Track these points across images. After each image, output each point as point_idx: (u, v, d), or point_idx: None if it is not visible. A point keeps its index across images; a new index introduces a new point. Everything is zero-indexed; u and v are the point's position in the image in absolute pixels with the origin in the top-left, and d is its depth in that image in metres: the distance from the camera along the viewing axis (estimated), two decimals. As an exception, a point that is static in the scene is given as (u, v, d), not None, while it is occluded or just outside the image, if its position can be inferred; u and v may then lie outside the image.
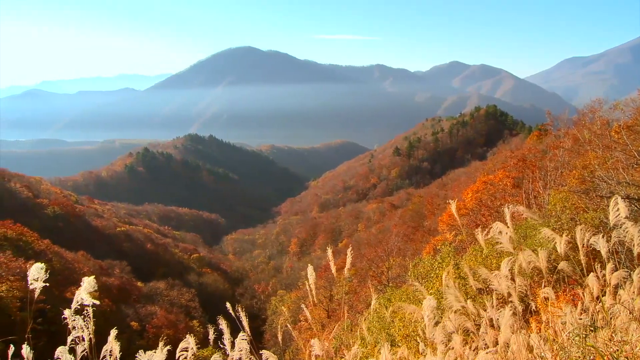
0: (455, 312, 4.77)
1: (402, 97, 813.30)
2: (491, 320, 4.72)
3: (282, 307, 45.00)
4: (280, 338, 5.87)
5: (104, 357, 4.26)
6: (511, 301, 4.77)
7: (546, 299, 4.97)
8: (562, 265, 5.18)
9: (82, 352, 4.12)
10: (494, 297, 4.92)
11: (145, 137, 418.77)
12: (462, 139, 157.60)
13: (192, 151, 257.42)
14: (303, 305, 5.62)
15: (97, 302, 4.17)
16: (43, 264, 4.29)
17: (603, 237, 4.91)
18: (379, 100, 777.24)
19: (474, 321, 4.76)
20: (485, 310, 4.85)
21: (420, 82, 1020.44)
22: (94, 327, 4.19)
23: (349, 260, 5.49)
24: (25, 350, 3.91)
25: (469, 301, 4.83)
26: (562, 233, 6.23)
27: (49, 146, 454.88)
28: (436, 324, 4.65)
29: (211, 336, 4.38)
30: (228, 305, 4.66)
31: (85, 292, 4.12)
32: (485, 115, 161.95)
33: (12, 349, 3.90)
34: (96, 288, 4.22)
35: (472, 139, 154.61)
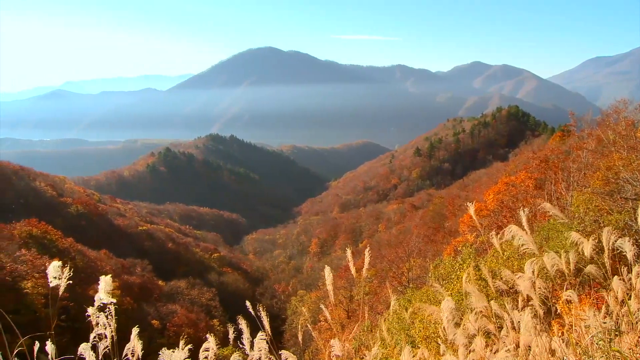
0: (476, 313, 4.72)
1: (424, 98, 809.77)
2: (513, 322, 4.66)
3: (302, 307, 45.01)
4: (300, 338, 5.86)
5: (126, 355, 4.28)
6: (532, 303, 4.71)
7: (569, 301, 4.90)
8: (590, 268, 5.10)
9: (104, 349, 4.15)
10: (519, 299, 4.86)
11: (167, 137, 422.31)
12: (483, 139, 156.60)
13: (214, 151, 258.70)
14: (322, 306, 5.61)
15: (114, 301, 4.19)
16: (66, 261, 4.32)
17: (629, 240, 4.83)
18: (400, 101, 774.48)
19: (496, 323, 4.71)
20: (506, 312, 4.80)
21: (442, 83, 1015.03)
22: (116, 325, 4.22)
23: (367, 260, 5.46)
24: (50, 347, 3.94)
25: (490, 303, 4.78)
26: (586, 235, 6.15)
27: (73, 146, 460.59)
28: (457, 325, 4.61)
29: (231, 335, 4.38)
30: (248, 304, 4.66)
31: (103, 291, 4.14)
32: (507, 116, 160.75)
33: (37, 345, 3.94)
34: (112, 288, 4.23)
35: (494, 139, 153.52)
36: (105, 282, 4.24)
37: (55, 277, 4.08)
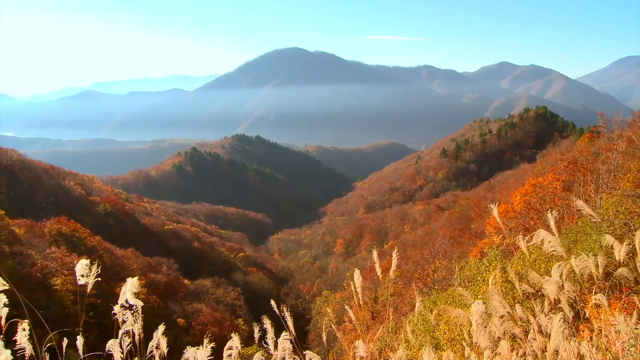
0: (502, 317, 4.67)
1: (450, 98, 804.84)
2: (540, 326, 4.60)
3: (327, 308, 45.04)
4: (324, 339, 5.86)
5: (151, 351, 4.33)
6: (561, 307, 4.65)
7: (598, 305, 4.83)
8: (621, 271, 5.02)
9: (128, 345, 4.19)
10: (545, 303, 4.80)
11: (194, 137, 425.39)
12: (510, 140, 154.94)
13: (239, 151, 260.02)
14: (347, 307, 5.60)
15: (141, 303, 4.24)
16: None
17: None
18: (427, 102, 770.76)
19: (522, 327, 4.66)
20: (533, 316, 4.73)
21: (469, 83, 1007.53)
22: (142, 323, 4.27)
23: (394, 262, 5.45)
24: (80, 342, 4.00)
25: (516, 306, 4.72)
26: (617, 238, 6.04)
27: (101, 145, 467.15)
28: (483, 328, 4.57)
29: (256, 335, 4.40)
30: (272, 303, 4.68)
31: (129, 292, 4.18)
32: (535, 117, 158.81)
33: (65, 341, 4.01)
34: (138, 289, 4.28)
35: (521, 141, 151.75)
36: (131, 284, 4.28)
37: (83, 275, 4.14)
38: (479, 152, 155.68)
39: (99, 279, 4.23)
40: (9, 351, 3.50)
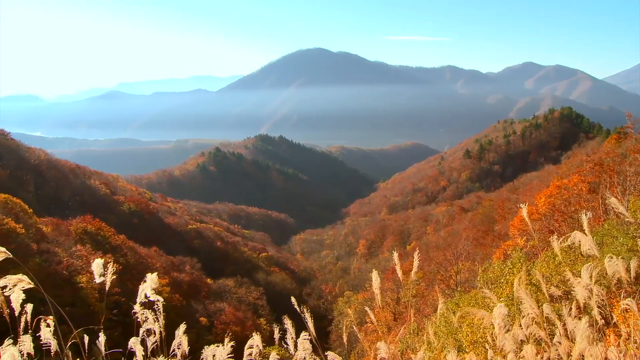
0: (527, 319, 4.61)
1: (474, 99, 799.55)
2: (566, 330, 4.53)
3: (348, 309, 44.99)
4: (345, 339, 5.85)
5: (173, 350, 4.35)
6: (587, 311, 4.58)
7: (626, 310, 4.74)
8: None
9: (153, 344, 4.22)
10: (573, 306, 4.73)
11: (217, 137, 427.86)
12: (535, 142, 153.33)
13: (263, 151, 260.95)
14: (367, 309, 5.57)
15: (161, 299, 4.26)
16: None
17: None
18: (450, 102, 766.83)
19: (548, 330, 4.59)
20: (559, 319, 4.67)
21: (492, 84, 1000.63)
22: (165, 321, 4.29)
23: (415, 263, 5.41)
24: (102, 339, 4.04)
25: (543, 307, 4.66)
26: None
27: (126, 145, 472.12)
28: (506, 331, 4.52)
29: (276, 335, 4.40)
30: (293, 300, 4.67)
31: (149, 288, 4.21)
32: (560, 118, 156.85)
33: (87, 338, 4.04)
34: (157, 285, 4.31)
35: (546, 142, 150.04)
36: (151, 280, 4.31)
37: (100, 275, 4.17)
38: (503, 153, 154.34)
39: (115, 276, 4.26)
40: (31, 342, 3.54)
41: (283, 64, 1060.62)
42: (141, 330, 4.21)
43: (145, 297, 4.26)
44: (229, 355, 4.18)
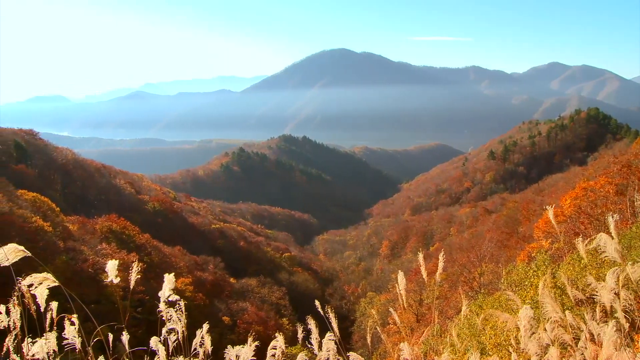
0: (551, 323, 4.56)
1: (498, 100, 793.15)
2: (592, 334, 4.47)
3: (371, 310, 44.88)
4: (369, 340, 5.83)
5: (195, 349, 4.38)
6: (615, 315, 4.50)
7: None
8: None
9: (174, 342, 4.25)
10: (597, 310, 4.66)
11: (241, 138, 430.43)
12: (560, 143, 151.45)
13: (286, 152, 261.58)
14: (391, 309, 5.55)
15: (178, 298, 4.29)
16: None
17: None
18: (474, 103, 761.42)
19: (573, 334, 4.53)
20: (584, 323, 4.60)
21: (517, 84, 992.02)
22: (189, 320, 4.32)
23: (440, 264, 5.38)
24: (125, 337, 4.08)
25: (566, 312, 4.60)
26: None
27: (151, 145, 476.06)
28: (531, 334, 4.47)
29: (299, 335, 4.40)
30: (317, 303, 4.67)
31: (167, 289, 4.25)
32: (587, 119, 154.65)
33: (111, 336, 4.09)
34: (173, 287, 4.34)
35: (572, 143, 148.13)
36: (168, 281, 4.34)
37: (115, 275, 4.21)
38: (528, 155, 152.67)
39: (134, 277, 4.30)
40: (55, 339, 3.59)
41: (307, 65, 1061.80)
42: (164, 330, 4.25)
43: (166, 298, 4.29)
44: (252, 358, 4.20)
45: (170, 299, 4.29)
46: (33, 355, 3.56)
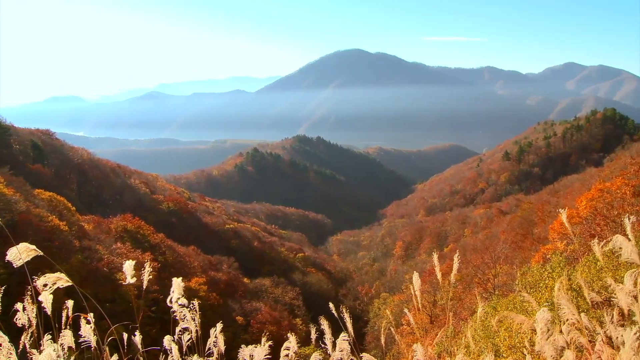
0: (569, 325, 4.52)
1: (513, 100, 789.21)
2: (609, 337, 4.42)
3: (385, 310, 44.79)
4: (382, 341, 5.81)
5: (209, 348, 4.39)
6: (633, 319, 4.45)
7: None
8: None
9: (188, 341, 4.26)
10: (614, 313, 4.61)
11: (255, 138, 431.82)
12: (576, 144, 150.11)
13: (300, 152, 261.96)
14: (406, 310, 5.54)
15: (186, 302, 4.32)
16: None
17: None
18: (489, 103, 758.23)
19: (589, 337, 4.49)
20: (601, 326, 4.55)
21: (532, 85, 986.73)
22: (202, 320, 4.34)
23: (455, 265, 5.36)
24: (138, 337, 4.10)
25: (582, 315, 4.56)
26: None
27: (165, 145, 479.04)
28: (547, 337, 4.43)
29: (313, 335, 4.40)
30: (331, 305, 4.66)
31: (177, 293, 4.28)
32: (603, 119, 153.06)
33: (125, 335, 4.12)
34: (182, 291, 4.37)
35: (588, 144, 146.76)
36: (176, 284, 4.36)
37: (132, 275, 4.24)
38: (543, 156, 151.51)
39: (154, 274, 4.33)
40: (52, 348, 3.60)
41: (321, 65, 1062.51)
42: (177, 329, 4.27)
43: (179, 299, 4.31)
44: (266, 356, 4.20)
45: (179, 302, 4.31)
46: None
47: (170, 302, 4.34)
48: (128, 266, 4.22)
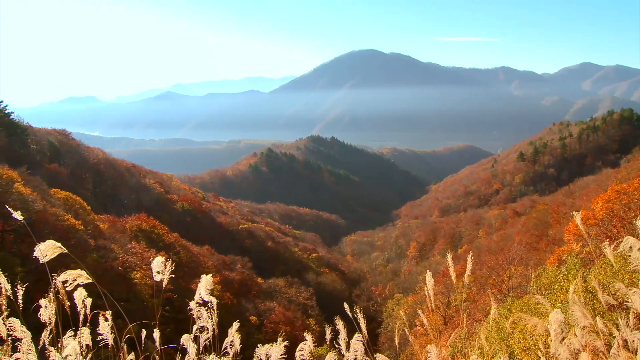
0: (583, 328, 4.50)
1: (528, 101, 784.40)
2: (625, 341, 4.39)
3: (399, 311, 44.69)
4: (397, 342, 5.82)
5: (225, 347, 4.42)
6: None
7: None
8: None
9: (205, 340, 4.30)
10: (630, 316, 4.58)
11: (269, 138, 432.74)
12: (592, 144, 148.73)
13: (314, 152, 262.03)
14: (420, 311, 5.54)
15: (215, 300, 4.35)
16: (171, 256, 4.54)
17: None
18: (504, 104, 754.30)
19: (605, 340, 4.47)
20: (617, 329, 4.53)
21: (548, 85, 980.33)
22: (217, 319, 4.37)
23: (469, 266, 5.35)
24: (156, 334, 4.14)
25: (597, 318, 4.54)
26: None
27: (180, 145, 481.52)
28: (561, 339, 4.42)
29: (328, 335, 4.42)
30: (346, 306, 4.68)
31: (203, 289, 4.31)
32: (620, 120, 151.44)
33: (144, 332, 4.16)
34: (212, 287, 4.40)
35: (604, 145, 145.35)
36: (205, 281, 4.39)
37: (158, 272, 4.28)
38: (558, 157, 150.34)
39: (172, 275, 4.37)
40: (76, 342, 3.67)
41: (335, 65, 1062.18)
42: (194, 328, 4.30)
43: (200, 297, 4.35)
44: (282, 356, 4.23)
45: (205, 299, 4.35)
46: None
47: (198, 300, 4.38)
48: (157, 263, 4.26)
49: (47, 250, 3.72)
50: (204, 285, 4.36)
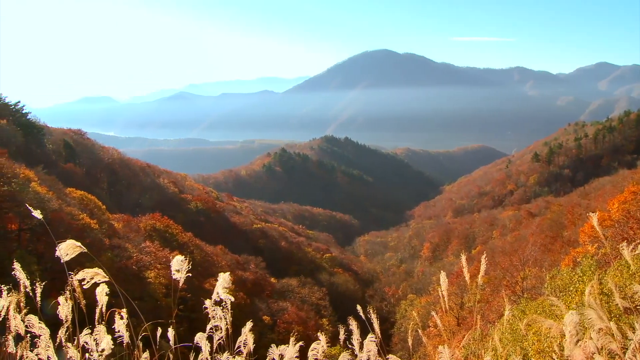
0: (599, 330, 4.47)
1: (543, 101, 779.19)
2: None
3: (412, 312, 44.60)
4: (410, 342, 5.81)
5: (238, 347, 4.44)
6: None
7: None
8: None
9: (219, 340, 4.32)
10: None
11: (283, 138, 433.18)
12: (608, 145, 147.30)
13: (328, 152, 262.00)
14: (433, 312, 5.53)
15: (232, 299, 4.37)
16: (185, 255, 4.57)
17: None
18: (519, 104, 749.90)
19: (620, 343, 4.44)
20: (633, 332, 4.50)
21: (563, 85, 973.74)
22: (231, 319, 4.39)
23: (482, 267, 5.34)
24: (171, 333, 4.18)
25: (613, 320, 4.51)
26: None
27: (194, 145, 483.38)
28: (576, 342, 4.39)
29: (341, 336, 4.42)
30: (359, 307, 4.68)
31: (221, 287, 4.33)
32: (636, 120, 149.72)
33: (160, 330, 4.20)
34: (230, 285, 4.42)
35: (620, 145, 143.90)
36: (223, 279, 4.42)
37: (177, 271, 4.31)
38: (574, 157, 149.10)
39: (190, 274, 4.39)
40: (109, 336, 3.73)
41: (349, 65, 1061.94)
42: (208, 327, 4.33)
43: (217, 295, 4.37)
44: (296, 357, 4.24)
45: (222, 297, 4.38)
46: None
47: (214, 299, 4.40)
48: (176, 262, 4.30)
49: (67, 249, 3.78)
50: (222, 283, 4.39)
